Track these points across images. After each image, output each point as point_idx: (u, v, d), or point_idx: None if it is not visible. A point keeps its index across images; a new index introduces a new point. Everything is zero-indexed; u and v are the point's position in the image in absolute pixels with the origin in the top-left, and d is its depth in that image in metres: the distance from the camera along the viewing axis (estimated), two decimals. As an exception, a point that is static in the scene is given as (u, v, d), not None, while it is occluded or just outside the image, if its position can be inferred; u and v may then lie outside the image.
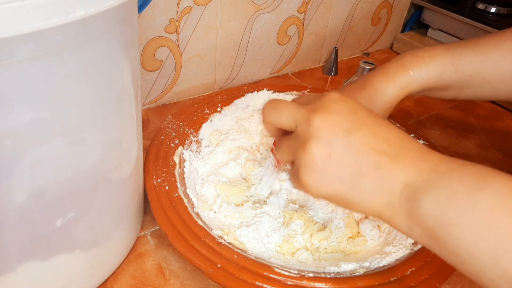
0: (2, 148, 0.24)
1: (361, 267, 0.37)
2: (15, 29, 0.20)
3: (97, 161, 0.30)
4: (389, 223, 0.30)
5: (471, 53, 0.43)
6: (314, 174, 0.30)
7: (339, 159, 0.30)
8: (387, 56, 0.87)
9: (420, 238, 0.29)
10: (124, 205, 0.37)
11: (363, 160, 0.29)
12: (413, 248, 0.39)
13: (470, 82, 0.43)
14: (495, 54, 0.42)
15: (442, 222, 0.27)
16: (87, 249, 0.34)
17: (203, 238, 0.37)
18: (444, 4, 0.81)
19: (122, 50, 0.29)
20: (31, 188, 0.26)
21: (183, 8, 0.56)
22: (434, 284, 0.35)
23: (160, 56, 0.58)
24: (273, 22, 0.67)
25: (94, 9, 0.23)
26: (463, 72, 0.43)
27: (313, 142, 0.30)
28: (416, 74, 0.43)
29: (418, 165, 0.29)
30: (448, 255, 0.27)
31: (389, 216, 0.30)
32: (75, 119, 0.27)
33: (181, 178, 0.44)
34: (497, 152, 0.61)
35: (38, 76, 0.23)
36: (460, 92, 0.45)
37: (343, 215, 0.42)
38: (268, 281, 0.34)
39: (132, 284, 0.38)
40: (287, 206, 0.43)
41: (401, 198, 0.29)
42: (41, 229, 0.29)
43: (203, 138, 0.52)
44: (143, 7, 0.35)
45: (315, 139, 0.30)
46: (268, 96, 0.60)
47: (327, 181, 0.30)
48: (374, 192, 0.30)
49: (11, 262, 0.29)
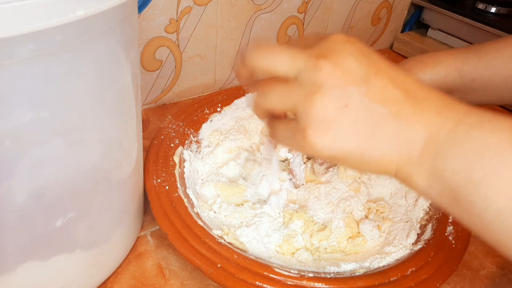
0: (2, 148, 0.24)
1: (361, 267, 0.37)
2: (15, 29, 0.20)
3: (97, 161, 0.30)
4: (405, 182, 0.28)
5: (474, 59, 0.43)
6: (325, 130, 0.26)
7: (355, 111, 0.26)
8: (387, 56, 0.86)
9: (438, 198, 0.26)
10: (124, 205, 0.37)
11: (382, 111, 0.26)
12: (413, 248, 0.39)
13: (474, 86, 0.43)
14: (497, 60, 0.42)
15: (470, 181, 0.24)
16: (87, 249, 0.34)
17: (203, 238, 0.37)
18: (444, 4, 0.81)
19: (122, 50, 0.29)
20: (31, 188, 0.26)
21: (183, 8, 0.56)
22: (434, 284, 0.35)
23: (160, 56, 0.58)
24: (273, 22, 0.67)
25: (94, 9, 0.23)
26: (466, 76, 0.43)
27: (324, 93, 0.26)
28: (420, 78, 0.43)
29: (443, 114, 0.26)
30: (469, 218, 0.25)
31: (407, 173, 0.27)
32: (75, 119, 0.27)
33: (181, 178, 0.44)
34: (497, 152, 0.61)
35: (38, 76, 0.23)
36: (464, 96, 0.45)
37: (343, 215, 0.42)
38: (268, 281, 0.34)
39: (132, 284, 0.38)
40: (287, 206, 0.43)
41: (423, 152, 0.26)
42: (41, 229, 0.29)
43: (203, 138, 0.52)
44: (143, 7, 0.35)
45: (326, 89, 0.26)
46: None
47: (340, 137, 0.26)
48: (392, 146, 0.26)
49: (11, 262, 0.29)
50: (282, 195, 0.44)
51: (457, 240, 0.40)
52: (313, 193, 0.45)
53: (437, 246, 0.39)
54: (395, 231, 0.42)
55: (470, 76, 0.43)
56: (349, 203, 0.44)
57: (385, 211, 0.44)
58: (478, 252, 0.45)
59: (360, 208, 0.44)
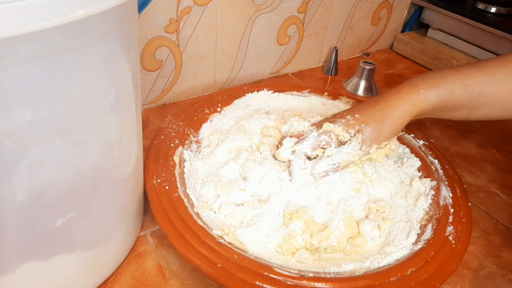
0: (2, 148, 0.24)
1: (361, 267, 0.37)
2: (15, 29, 0.20)
3: (97, 161, 0.30)
4: None
5: (479, 73, 0.44)
6: None
7: None
8: (387, 56, 0.87)
9: None
10: (124, 205, 0.37)
11: None
12: (413, 248, 0.39)
13: (480, 101, 0.45)
14: (502, 75, 0.44)
15: None
16: (87, 249, 0.34)
17: (203, 238, 0.37)
18: (444, 4, 0.81)
19: (122, 50, 0.29)
20: (31, 188, 0.26)
21: (183, 8, 0.56)
22: (434, 284, 0.35)
23: (160, 56, 0.58)
24: (273, 22, 0.67)
25: (94, 9, 0.23)
26: (472, 91, 0.44)
27: None
28: (427, 93, 0.45)
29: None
30: None
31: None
32: (75, 119, 0.27)
33: (181, 178, 0.44)
34: (497, 152, 0.61)
35: (38, 76, 0.23)
36: (472, 111, 0.46)
37: (343, 216, 0.42)
38: (268, 281, 0.34)
39: (132, 284, 0.38)
40: (287, 206, 0.43)
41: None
42: (41, 229, 0.29)
43: (203, 138, 0.52)
44: (143, 7, 0.35)
45: None
46: (268, 96, 0.60)
47: None
48: None
49: (11, 262, 0.29)
50: (282, 195, 0.44)
51: (457, 240, 0.40)
52: (313, 194, 0.45)
53: (437, 246, 0.39)
54: (395, 231, 0.42)
55: (476, 90, 0.44)
56: (349, 203, 0.44)
57: (385, 211, 0.44)
58: (478, 252, 0.45)
59: (360, 208, 0.44)
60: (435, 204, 0.44)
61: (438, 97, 0.45)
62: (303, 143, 0.47)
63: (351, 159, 0.45)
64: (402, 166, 0.51)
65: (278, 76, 0.75)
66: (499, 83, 0.44)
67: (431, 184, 0.47)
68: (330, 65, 0.77)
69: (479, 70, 0.44)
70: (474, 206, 0.51)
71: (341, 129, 0.46)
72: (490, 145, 0.62)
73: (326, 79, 0.77)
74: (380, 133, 0.46)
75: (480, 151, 0.61)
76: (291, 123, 0.52)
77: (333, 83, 0.75)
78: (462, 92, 0.44)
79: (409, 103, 0.45)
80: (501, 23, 0.73)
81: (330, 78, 0.77)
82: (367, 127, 0.46)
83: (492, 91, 0.44)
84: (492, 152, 0.61)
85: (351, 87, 0.73)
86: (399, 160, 0.52)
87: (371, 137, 0.45)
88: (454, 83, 0.44)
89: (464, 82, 0.44)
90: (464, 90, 0.44)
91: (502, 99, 0.44)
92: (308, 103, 0.61)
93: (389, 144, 0.47)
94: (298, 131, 0.51)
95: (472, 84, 0.44)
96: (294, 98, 0.61)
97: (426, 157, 0.51)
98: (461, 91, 0.44)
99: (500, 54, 0.75)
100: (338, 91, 0.71)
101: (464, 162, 0.58)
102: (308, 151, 0.46)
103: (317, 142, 0.46)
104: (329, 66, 0.77)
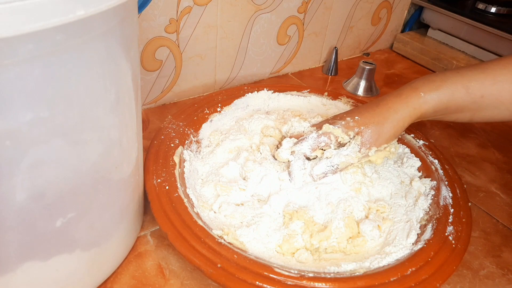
0: (2, 148, 0.24)
1: (361, 267, 0.37)
2: (15, 29, 0.20)
3: (97, 161, 0.30)
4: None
5: (481, 75, 0.44)
6: None
7: None
8: (387, 56, 0.87)
9: None
10: (124, 205, 0.37)
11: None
12: (413, 248, 0.39)
13: (483, 103, 0.44)
14: (504, 76, 0.44)
15: None
16: (87, 249, 0.34)
17: (203, 238, 0.37)
18: (444, 4, 0.81)
19: (122, 50, 0.29)
20: (31, 188, 0.26)
21: (183, 8, 0.56)
22: (434, 284, 0.35)
23: (160, 56, 0.58)
24: (273, 22, 0.67)
25: (94, 9, 0.23)
26: (474, 93, 0.44)
27: None
28: (428, 96, 0.45)
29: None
30: None
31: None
32: (75, 119, 0.27)
33: (181, 178, 0.44)
34: (497, 152, 0.61)
35: (38, 76, 0.23)
36: (475, 114, 0.46)
37: (343, 216, 0.42)
38: (268, 281, 0.34)
39: (132, 284, 0.38)
40: (287, 206, 0.43)
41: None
42: (41, 229, 0.29)
43: (203, 138, 0.52)
44: (143, 7, 0.35)
45: None
46: (268, 96, 0.60)
47: None
48: None
49: (11, 262, 0.29)
50: (282, 195, 0.44)
51: (457, 240, 0.40)
52: (313, 194, 0.44)
53: (437, 246, 0.39)
54: (395, 231, 0.42)
55: (479, 92, 0.44)
56: (349, 204, 0.44)
57: (385, 211, 0.44)
58: (478, 252, 0.45)
59: (360, 209, 0.44)
60: (435, 204, 0.45)
61: (439, 100, 0.45)
62: (303, 144, 0.47)
63: (349, 161, 0.45)
64: (402, 166, 0.51)
65: (278, 76, 0.75)
66: (501, 84, 0.43)
67: (431, 184, 0.47)
68: (330, 65, 0.77)
69: (481, 72, 0.44)
70: (474, 206, 0.51)
71: (340, 131, 0.46)
72: (490, 145, 0.62)
73: (326, 79, 0.77)
74: (379, 135, 0.46)
75: (480, 151, 0.61)
76: (292, 123, 0.52)
77: (333, 83, 0.75)
78: (464, 95, 0.44)
79: (409, 106, 0.45)
80: (501, 23, 0.73)
81: (330, 78, 0.77)
82: (366, 129, 0.45)
83: (494, 93, 0.44)
84: (492, 152, 0.61)
85: (351, 87, 0.73)
86: (399, 160, 0.52)
87: (370, 139, 0.45)
88: (455, 85, 0.44)
89: (465, 85, 0.44)
90: (465, 92, 0.44)
91: (505, 101, 0.44)
92: (308, 103, 0.61)
93: (389, 147, 0.47)
94: (298, 132, 0.51)
95: (473, 86, 0.44)
96: (294, 98, 0.61)
97: (426, 157, 0.51)
98: (462, 94, 0.44)
99: (500, 54, 0.75)
100: (338, 91, 0.71)
101: (464, 162, 0.58)
102: (307, 152, 0.46)
103: (317, 143, 0.46)
104: (329, 66, 0.77)
